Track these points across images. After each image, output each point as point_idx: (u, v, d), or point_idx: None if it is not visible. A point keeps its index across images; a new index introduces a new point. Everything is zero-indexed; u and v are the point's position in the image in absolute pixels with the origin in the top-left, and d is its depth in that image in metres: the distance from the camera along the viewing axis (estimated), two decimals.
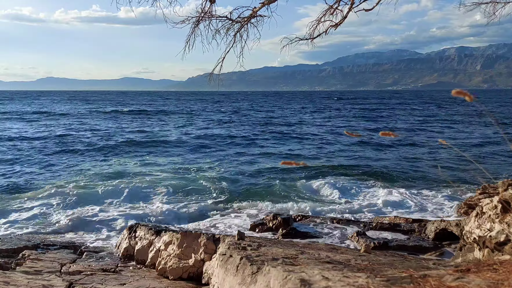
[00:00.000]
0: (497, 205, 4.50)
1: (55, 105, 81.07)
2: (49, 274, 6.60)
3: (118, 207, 12.88)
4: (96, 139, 29.15)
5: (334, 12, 6.21)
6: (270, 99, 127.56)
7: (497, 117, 44.28)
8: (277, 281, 2.83)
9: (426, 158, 21.66)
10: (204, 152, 24.19)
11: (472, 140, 28.70)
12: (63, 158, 21.54)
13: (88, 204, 13.12)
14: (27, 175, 17.58)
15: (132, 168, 19.00)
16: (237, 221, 11.27)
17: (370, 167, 19.08)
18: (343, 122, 44.45)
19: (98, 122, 43.11)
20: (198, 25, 6.13)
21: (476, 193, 10.06)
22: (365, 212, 12.22)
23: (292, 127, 38.27)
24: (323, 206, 13.01)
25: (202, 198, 14.04)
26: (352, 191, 14.84)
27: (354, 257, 4.35)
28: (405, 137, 29.50)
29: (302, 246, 5.74)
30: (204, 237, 7.26)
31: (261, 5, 6.08)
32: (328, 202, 13.51)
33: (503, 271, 2.53)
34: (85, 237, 10.10)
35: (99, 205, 13.02)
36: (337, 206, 13.02)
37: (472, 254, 5.10)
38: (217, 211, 12.55)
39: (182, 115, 54.49)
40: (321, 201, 13.69)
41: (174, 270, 7.09)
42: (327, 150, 24.90)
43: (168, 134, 33.00)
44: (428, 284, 2.32)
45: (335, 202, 13.57)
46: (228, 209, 12.82)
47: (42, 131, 34.34)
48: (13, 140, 28.13)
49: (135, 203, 13.37)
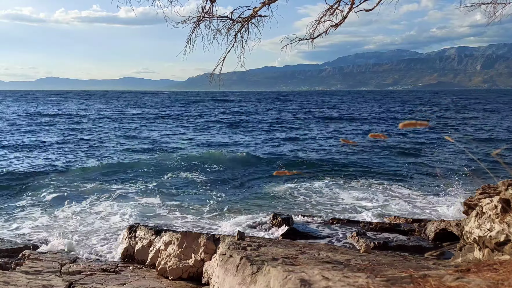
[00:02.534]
0: (497, 205, 4.50)
1: (130, 108, 75.03)
2: (49, 274, 6.60)
3: (118, 207, 12.87)
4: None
5: (334, 12, 6.21)
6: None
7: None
8: (277, 281, 2.83)
9: (427, 157, 21.66)
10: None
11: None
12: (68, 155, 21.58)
13: (88, 204, 13.13)
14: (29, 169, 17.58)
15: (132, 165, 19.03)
16: (236, 221, 11.26)
17: (371, 167, 19.08)
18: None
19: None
20: (198, 25, 6.13)
21: (476, 193, 10.05)
22: (365, 212, 12.21)
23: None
24: (324, 206, 13.00)
25: (202, 198, 14.04)
26: (352, 191, 14.84)
27: (354, 257, 4.35)
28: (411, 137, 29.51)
29: (302, 246, 5.74)
30: (204, 237, 7.27)
31: (261, 5, 6.09)
32: (329, 202, 13.51)
33: (503, 271, 2.53)
34: (85, 237, 10.09)
35: (98, 205, 13.02)
36: (337, 206, 13.02)
37: (472, 254, 5.10)
38: (217, 211, 12.54)
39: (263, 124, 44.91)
40: (322, 201, 13.68)
41: (174, 270, 7.09)
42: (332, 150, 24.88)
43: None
44: (428, 284, 2.32)
45: (336, 202, 13.57)
46: (228, 209, 12.81)
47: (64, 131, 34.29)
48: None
49: (135, 203, 13.37)
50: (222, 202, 13.57)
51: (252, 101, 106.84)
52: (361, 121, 46.12)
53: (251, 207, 13.03)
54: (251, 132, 35.31)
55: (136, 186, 15.68)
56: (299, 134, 33.51)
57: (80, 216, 11.84)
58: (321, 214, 12.16)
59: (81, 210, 12.52)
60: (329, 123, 43.38)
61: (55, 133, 33.01)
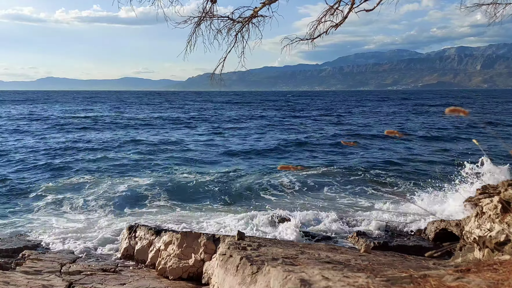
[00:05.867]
0: (497, 205, 4.50)
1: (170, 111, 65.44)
2: (49, 274, 6.60)
3: (118, 207, 12.87)
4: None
5: (334, 12, 6.22)
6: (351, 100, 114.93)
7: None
8: (277, 281, 2.83)
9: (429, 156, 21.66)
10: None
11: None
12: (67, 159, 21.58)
13: (87, 204, 13.13)
14: (26, 176, 17.59)
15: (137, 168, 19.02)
16: (236, 221, 11.25)
17: (373, 167, 19.06)
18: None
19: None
20: (199, 25, 6.13)
21: (476, 193, 10.06)
22: (365, 212, 12.22)
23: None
24: (324, 206, 13.00)
25: (202, 198, 14.04)
26: (352, 191, 14.84)
27: (354, 257, 4.35)
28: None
29: (302, 246, 5.74)
30: (204, 237, 7.27)
31: (262, 5, 6.09)
32: (329, 203, 13.50)
33: (503, 271, 2.53)
34: (85, 237, 10.09)
35: (97, 205, 13.02)
36: (337, 206, 13.02)
37: (472, 254, 5.10)
38: (217, 211, 12.54)
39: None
40: (322, 201, 13.68)
41: (174, 270, 7.09)
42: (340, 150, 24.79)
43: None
44: (428, 284, 2.32)
45: (336, 202, 13.57)
46: (228, 209, 12.81)
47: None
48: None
49: (134, 203, 13.37)
50: (222, 202, 13.57)
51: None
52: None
53: (251, 206, 13.02)
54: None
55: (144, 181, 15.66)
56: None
57: (80, 216, 11.84)
58: (321, 213, 12.17)
59: (81, 210, 12.52)
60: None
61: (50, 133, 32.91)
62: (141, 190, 14.85)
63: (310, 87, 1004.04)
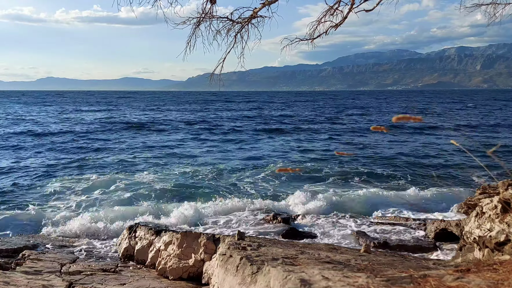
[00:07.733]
0: (497, 205, 4.50)
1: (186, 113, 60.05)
2: (49, 274, 6.60)
3: (118, 207, 12.87)
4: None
5: (334, 12, 6.21)
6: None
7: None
8: (277, 281, 2.83)
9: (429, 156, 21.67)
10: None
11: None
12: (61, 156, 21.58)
13: (87, 204, 13.14)
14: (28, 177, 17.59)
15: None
16: (236, 221, 11.26)
17: (372, 167, 19.07)
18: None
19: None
20: (199, 25, 6.12)
21: (476, 193, 10.07)
22: (365, 212, 12.22)
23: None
24: (324, 206, 12.99)
25: (202, 198, 14.04)
26: (352, 191, 14.84)
27: (354, 257, 4.35)
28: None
29: (302, 246, 5.75)
30: (204, 237, 7.27)
31: (261, 5, 6.08)
32: (329, 202, 13.50)
33: (503, 271, 2.53)
34: (85, 237, 10.10)
35: (97, 205, 13.03)
36: (337, 206, 13.02)
37: (472, 254, 5.10)
38: (217, 211, 12.54)
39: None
40: (322, 201, 13.67)
41: (174, 270, 7.10)
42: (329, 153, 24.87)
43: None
44: (428, 284, 2.32)
45: (336, 201, 13.56)
46: (228, 209, 12.80)
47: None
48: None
49: (134, 203, 13.38)
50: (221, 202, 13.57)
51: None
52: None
53: (251, 206, 13.00)
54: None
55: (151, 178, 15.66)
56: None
57: (80, 216, 11.84)
58: (321, 214, 12.17)
59: (81, 210, 12.53)
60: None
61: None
62: (141, 190, 14.87)
63: (310, 87, 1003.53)
